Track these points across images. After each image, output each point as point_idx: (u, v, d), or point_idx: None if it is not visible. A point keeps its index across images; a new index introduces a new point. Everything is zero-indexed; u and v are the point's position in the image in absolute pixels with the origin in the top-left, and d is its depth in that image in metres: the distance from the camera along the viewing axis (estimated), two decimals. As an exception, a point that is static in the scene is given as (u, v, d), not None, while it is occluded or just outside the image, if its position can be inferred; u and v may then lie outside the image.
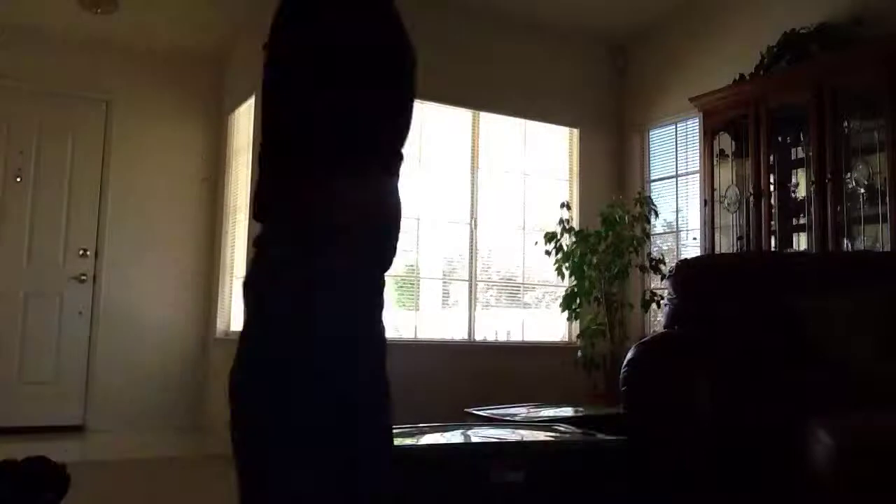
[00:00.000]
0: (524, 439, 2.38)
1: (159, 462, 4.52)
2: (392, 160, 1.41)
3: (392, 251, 1.41)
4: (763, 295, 2.57)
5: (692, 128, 5.52)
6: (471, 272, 5.61)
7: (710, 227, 4.92)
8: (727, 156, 4.93)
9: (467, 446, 2.31)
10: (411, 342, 5.10)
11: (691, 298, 2.57)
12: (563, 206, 5.33)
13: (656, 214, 5.42)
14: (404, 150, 1.44)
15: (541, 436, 2.44)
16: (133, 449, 4.93)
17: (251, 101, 5.37)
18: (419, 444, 2.30)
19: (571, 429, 2.55)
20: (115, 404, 5.42)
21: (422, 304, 5.48)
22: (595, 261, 5.10)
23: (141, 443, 5.11)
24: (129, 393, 5.46)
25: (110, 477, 4.04)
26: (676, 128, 5.77)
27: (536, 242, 5.35)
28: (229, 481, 1.32)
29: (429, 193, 5.52)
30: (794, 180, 4.65)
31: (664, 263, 5.17)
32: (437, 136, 5.57)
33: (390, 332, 5.49)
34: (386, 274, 1.41)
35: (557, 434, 2.46)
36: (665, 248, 5.94)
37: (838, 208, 4.20)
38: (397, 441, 1.87)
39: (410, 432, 2.41)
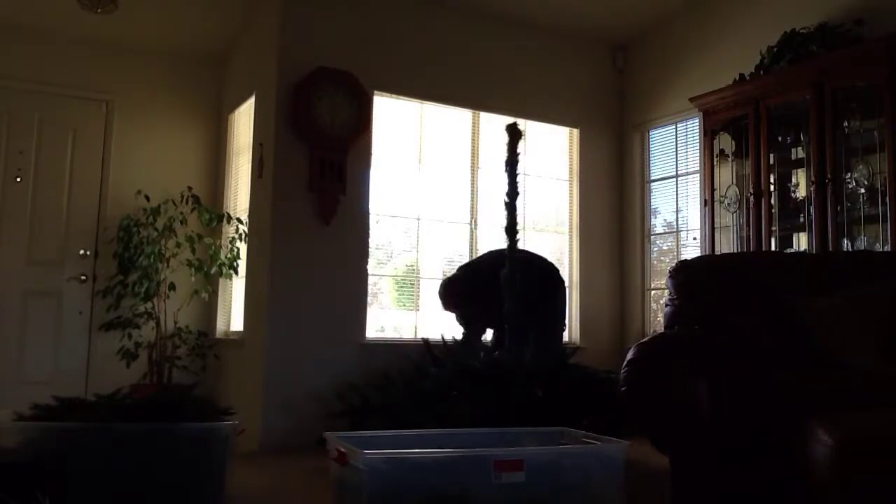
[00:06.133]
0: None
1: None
2: None
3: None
4: (763, 295, 2.57)
5: (692, 128, 5.52)
6: (471, 272, 5.59)
7: (710, 227, 4.92)
8: (727, 156, 4.94)
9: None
10: (411, 342, 5.10)
11: (691, 298, 2.57)
12: None
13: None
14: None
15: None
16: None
17: (251, 101, 5.36)
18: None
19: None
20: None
21: (422, 304, 5.48)
22: None
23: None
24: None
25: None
26: (676, 128, 5.77)
27: None
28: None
29: (429, 193, 5.52)
30: (794, 180, 4.65)
31: None
32: (437, 136, 5.57)
33: (390, 332, 5.42)
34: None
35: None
36: (665, 248, 5.94)
37: (838, 208, 4.21)
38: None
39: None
